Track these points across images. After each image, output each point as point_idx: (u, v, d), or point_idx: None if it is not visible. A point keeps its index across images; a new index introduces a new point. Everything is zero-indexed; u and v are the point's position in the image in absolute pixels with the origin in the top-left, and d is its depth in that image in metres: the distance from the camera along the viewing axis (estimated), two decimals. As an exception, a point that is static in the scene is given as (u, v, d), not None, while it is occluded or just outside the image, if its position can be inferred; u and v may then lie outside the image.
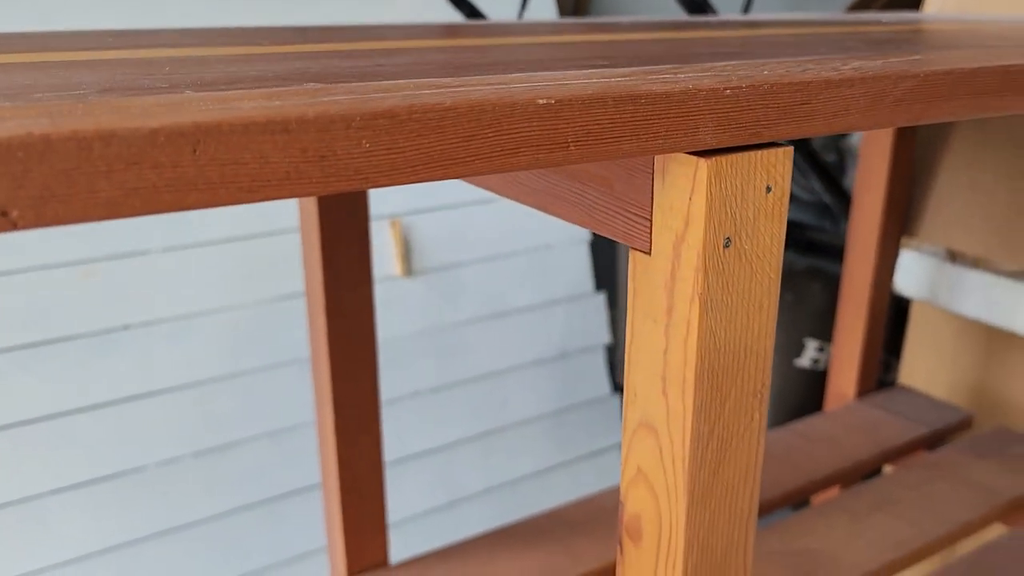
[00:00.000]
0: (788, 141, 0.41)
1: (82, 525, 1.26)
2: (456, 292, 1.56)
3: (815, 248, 1.46)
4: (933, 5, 1.12)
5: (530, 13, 1.63)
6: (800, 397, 1.46)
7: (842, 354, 1.15)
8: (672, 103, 0.36)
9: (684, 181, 0.39)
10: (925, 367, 1.24)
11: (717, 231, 0.39)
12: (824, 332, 1.42)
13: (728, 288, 0.41)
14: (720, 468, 0.46)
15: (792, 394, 1.46)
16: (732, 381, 0.44)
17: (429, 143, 0.31)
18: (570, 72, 0.39)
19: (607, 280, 1.85)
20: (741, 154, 0.39)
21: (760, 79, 0.38)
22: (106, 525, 1.27)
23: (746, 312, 0.42)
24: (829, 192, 1.37)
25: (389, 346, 1.49)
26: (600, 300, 1.73)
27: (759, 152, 0.39)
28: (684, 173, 0.39)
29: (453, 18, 1.52)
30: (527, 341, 1.65)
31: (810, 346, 1.44)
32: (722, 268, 0.40)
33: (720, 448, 0.45)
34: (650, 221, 0.41)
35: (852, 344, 1.13)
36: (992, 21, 0.88)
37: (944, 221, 1.11)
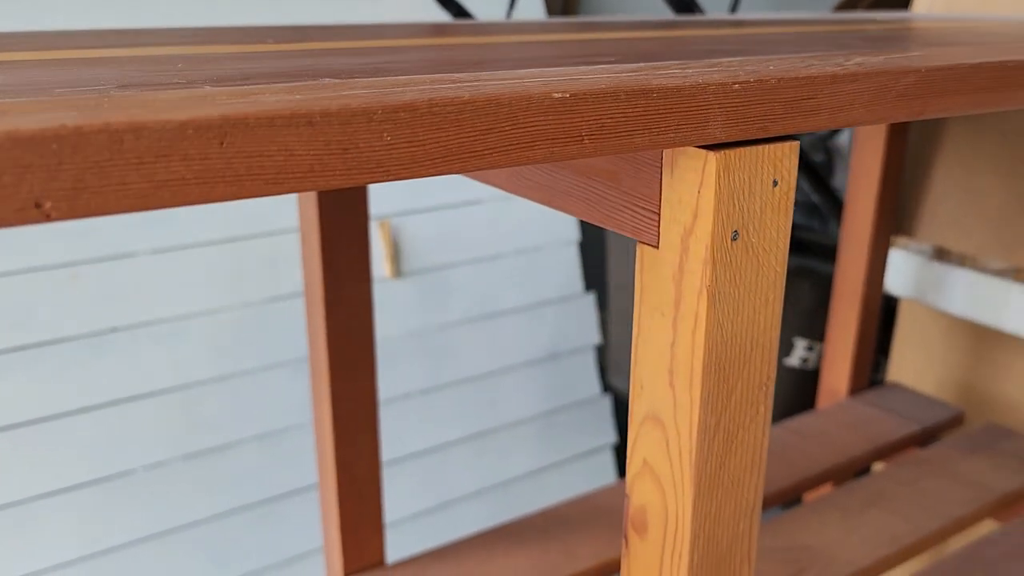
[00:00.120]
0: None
1: (70, 529, 1.25)
2: (446, 293, 1.56)
3: (804, 247, 1.47)
4: (922, 4, 1.13)
5: (518, 12, 1.64)
6: (789, 396, 1.47)
7: (835, 352, 1.16)
8: (683, 97, 0.36)
9: (693, 175, 0.39)
10: (913, 365, 1.25)
11: (725, 224, 0.40)
12: (813, 331, 1.43)
13: (735, 281, 0.42)
14: (726, 460, 0.47)
15: (781, 393, 1.47)
16: (739, 373, 0.44)
17: (448, 136, 0.31)
18: (582, 67, 0.39)
19: (596, 281, 1.86)
20: (749, 148, 0.39)
21: (767, 74, 0.38)
22: (95, 529, 1.26)
23: (752, 305, 0.43)
24: (818, 192, 1.38)
25: (379, 348, 1.49)
26: (590, 301, 1.74)
27: (766, 146, 0.40)
28: (693, 167, 0.39)
29: (438, 17, 1.52)
30: (517, 342, 1.65)
31: (799, 345, 1.45)
32: (730, 261, 0.41)
33: (726, 440, 0.46)
34: (658, 215, 0.42)
35: (845, 342, 1.14)
36: (982, 19, 0.90)
37: (937, 220, 1.12)
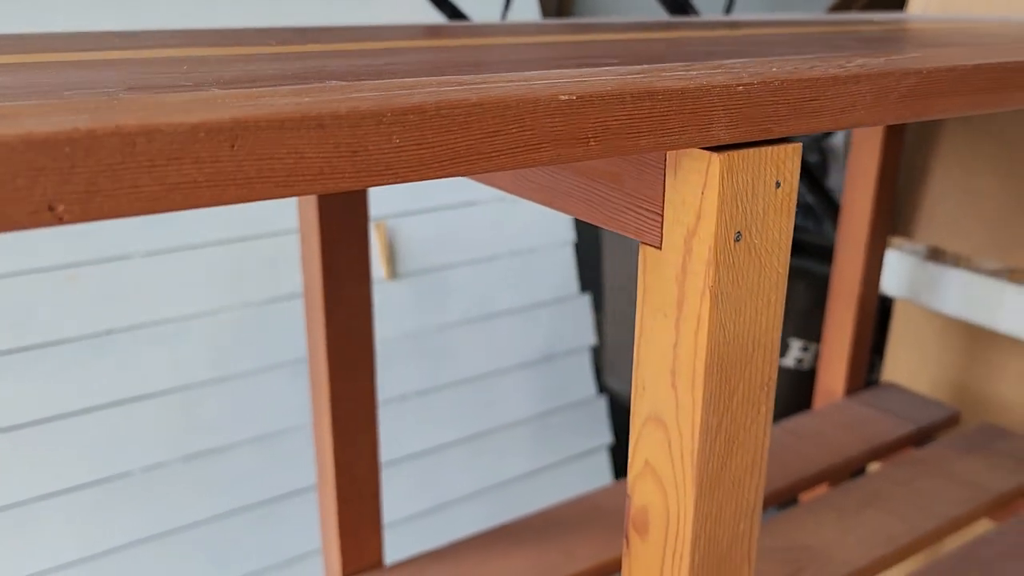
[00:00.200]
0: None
1: (70, 530, 1.25)
2: (442, 295, 1.56)
3: (798, 248, 1.47)
4: (917, 5, 1.13)
5: (513, 13, 1.64)
6: (785, 397, 1.47)
7: (831, 352, 1.16)
8: (687, 99, 0.36)
9: (696, 176, 0.40)
10: (908, 365, 1.26)
11: (728, 225, 0.40)
12: (808, 332, 1.44)
13: (738, 282, 0.42)
14: (728, 460, 0.47)
15: (776, 393, 1.47)
16: (740, 374, 0.44)
17: (456, 139, 0.31)
18: (587, 69, 0.40)
19: (592, 282, 1.86)
20: (752, 150, 0.39)
21: (771, 76, 0.39)
22: (94, 530, 1.26)
23: (755, 306, 0.43)
24: (812, 192, 1.38)
25: (375, 349, 1.48)
26: (585, 302, 1.74)
27: (769, 148, 0.40)
28: (697, 168, 0.39)
29: (432, 18, 1.52)
30: (513, 343, 1.65)
31: (794, 346, 1.45)
32: (732, 262, 0.41)
33: (728, 440, 0.46)
34: (661, 216, 0.42)
35: (841, 342, 1.14)
36: (977, 20, 0.90)
37: (934, 220, 1.12)
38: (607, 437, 1.76)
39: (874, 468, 1.19)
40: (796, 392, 1.48)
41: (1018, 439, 1.07)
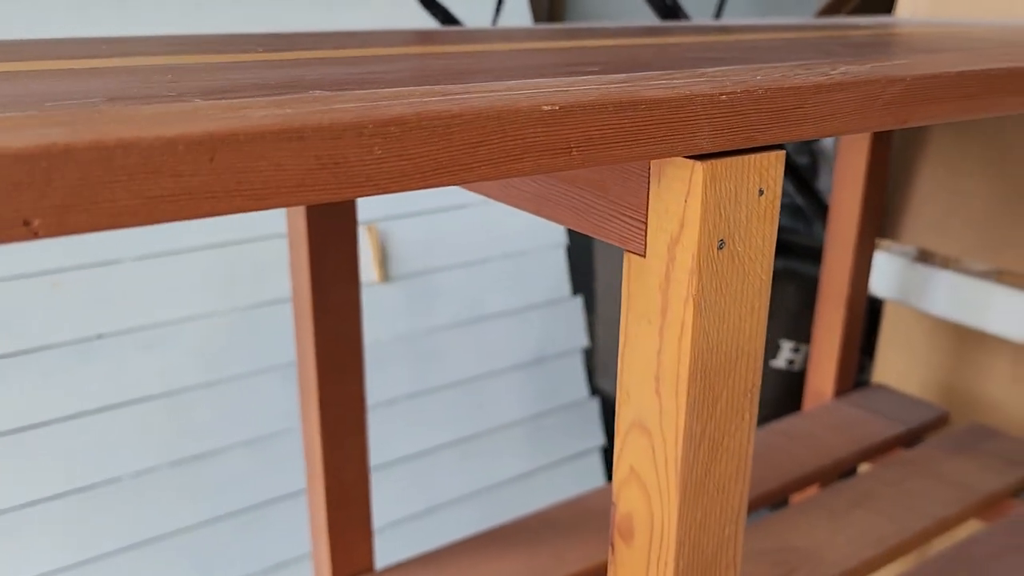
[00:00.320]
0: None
1: (57, 538, 1.24)
2: (434, 297, 1.56)
3: (789, 250, 1.48)
4: (905, 9, 1.14)
5: (504, 18, 1.64)
6: (776, 398, 1.48)
7: (820, 354, 1.16)
8: (671, 109, 0.36)
9: (680, 184, 0.40)
10: (897, 366, 1.26)
11: (711, 233, 0.40)
12: (799, 333, 1.44)
13: (721, 289, 0.42)
14: (712, 467, 0.47)
15: (767, 395, 1.48)
16: (724, 381, 0.45)
17: (438, 150, 0.31)
18: (569, 79, 0.40)
19: (584, 284, 1.86)
20: (735, 158, 0.40)
21: (754, 84, 0.39)
22: (81, 537, 1.26)
23: (738, 313, 0.43)
24: (802, 194, 1.38)
25: (367, 352, 1.48)
26: (577, 304, 1.74)
27: (752, 156, 0.40)
28: (680, 176, 0.39)
29: (425, 23, 1.52)
30: (505, 346, 1.65)
31: (785, 347, 1.45)
32: (715, 270, 0.41)
33: (712, 447, 0.46)
34: (645, 224, 0.42)
35: (830, 344, 1.14)
36: (966, 24, 0.90)
37: (921, 222, 1.13)
38: (599, 439, 1.76)
39: (864, 469, 1.20)
40: (787, 393, 1.48)
41: (1007, 439, 1.07)
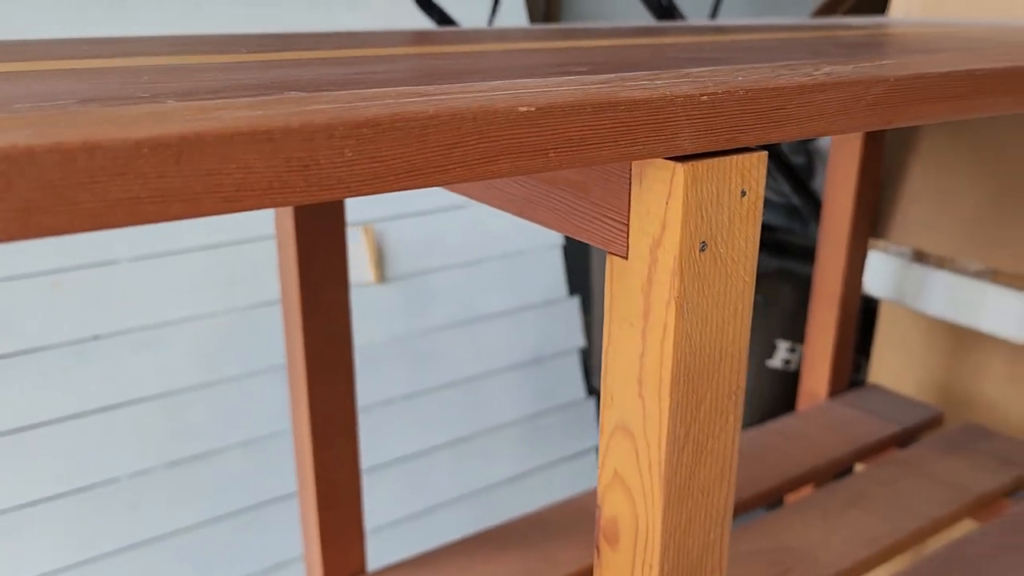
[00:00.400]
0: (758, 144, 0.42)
1: (54, 539, 1.24)
2: (430, 298, 1.56)
3: (785, 250, 1.47)
4: (899, 9, 1.13)
5: (501, 18, 1.64)
6: (772, 397, 1.47)
7: (814, 354, 1.16)
8: (650, 110, 0.36)
9: (661, 186, 0.39)
10: (893, 366, 1.26)
11: (693, 235, 0.40)
12: (795, 333, 1.44)
13: (704, 292, 0.42)
14: (696, 470, 0.47)
15: (764, 395, 1.47)
16: (708, 384, 0.44)
17: (411, 152, 0.31)
18: (550, 79, 0.39)
19: (580, 284, 1.86)
20: (717, 159, 0.39)
21: (736, 85, 0.38)
22: (78, 538, 1.26)
23: (721, 315, 0.43)
24: (798, 194, 1.38)
25: (363, 353, 1.48)
26: (574, 304, 1.74)
27: (734, 157, 0.40)
28: (661, 178, 0.39)
29: (424, 24, 1.52)
30: (502, 346, 1.65)
31: (781, 347, 1.45)
32: (698, 272, 0.41)
33: (696, 450, 0.46)
34: (627, 226, 0.42)
35: (824, 344, 1.14)
36: (958, 24, 0.90)
37: (913, 222, 1.12)
38: (596, 439, 1.76)
39: (859, 469, 1.19)
40: (784, 393, 1.48)
41: (1001, 439, 1.07)
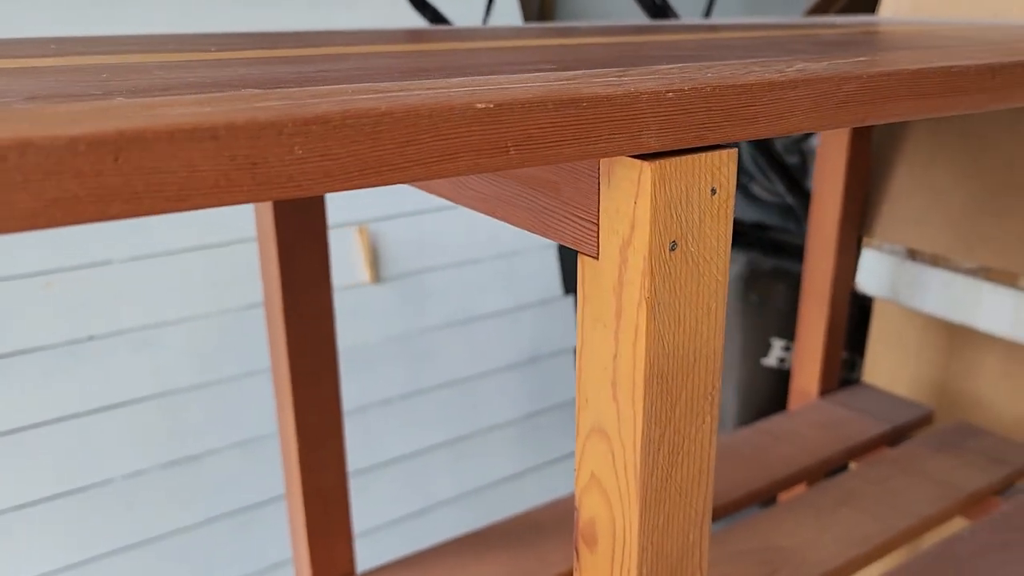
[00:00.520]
0: (749, 142, 0.41)
1: (48, 540, 1.24)
2: (426, 298, 1.56)
3: (779, 249, 1.47)
4: (888, 8, 1.13)
5: (494, 18, 1.63)
6: (767, 396, 1.47)
7: (805, 352, 1.15)
8: (614, 107, 0.35)
9: (629, 185, 0.39)
10: (888, 364, 1.25)
11: (663, 234, 0.39)
12: (790, 331, 1.43)
13: (675, 291, 0.41)
14: (672, 471, 0.46)
15: (759, 393, 1.47)
16: (682, 384, 0.44)
17: (364, 149, 0.30)
18: (515, 76, 0.39)
19: (575, 284, 1.85)
20: (685, 157, 0.39)
21: (703, 82, 0.38)
22: (73, 540, 1.25)
23: (694, 315, 0.42)
24: (791, 193, 1.38)
25: (359, 353, 1.48)
26: (569, 304, 1.73)
27: (703, 155, 0.39)
28: (628, 177, 0.39)
29: (419, 24, 1.51)
30: (497, 346, 1.65)
31: (776, 345, 1.45)
32: (669, 271, 0.40)
33: (672, 451, 0.45)
34: (597, 225, 0.41)
35: (814, 342, 1.13)
36: (944, 24, 0.89)
37: (901, 220, 1.12)
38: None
39: (850, 468, 1.19)
40: (779, 391, 1.47)
41: (991, 437, 1.06)
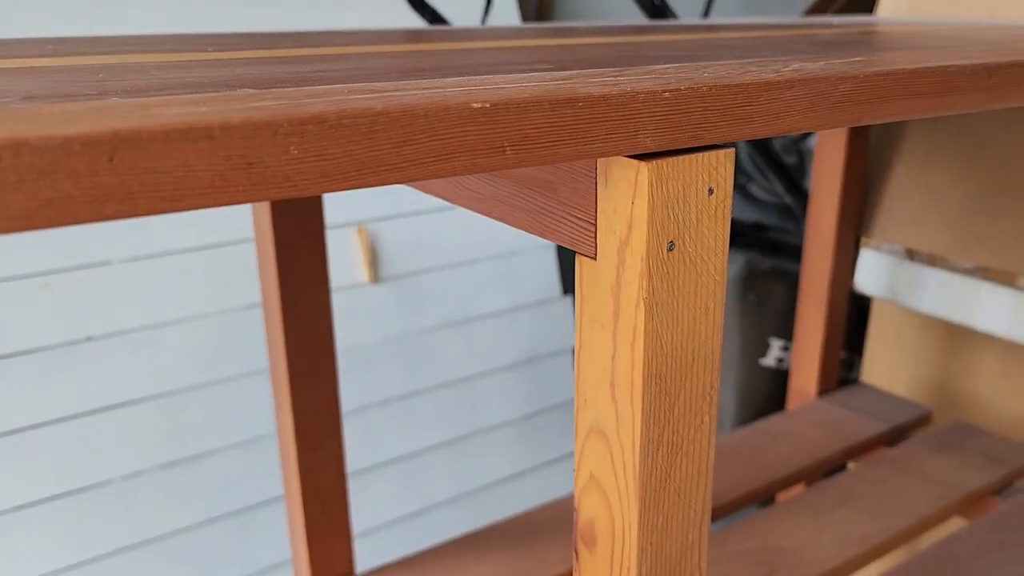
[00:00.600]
0: (747, 142, 0.41)
1: (47, 541, 1.24)
2: (424, 298, 1.56)
3: (778, 249, 1.47)
4: (886, 9, 1.13)
5: (493, 18, 1.63)
6: (766, 396, 1.47)
7: (803, 352, 1.15)
8: (611, 106, 0.35)
9: (626, 185, 0.39)
10: (886, 364, 1.25)
11: (660, 235, 0.39)
12: (788, 331, 1.43)
13: (673, 291, 0.41)
14: (671, 472, 0.46)
15: (758, 393, 1.47)
16: (680, 384, 0.44)
17: (360, 149, 0.30)
18: (511, 76, 0.39)
19: (573, 284, 1.85)
20: (682, 157, 0.39)
21: (700, 81, 0.38)
22: (72, 541, 1.25)
23: (692, 315, 0.42)
24: (790, 193, 1.38)
25: (357, 353, 1.48)
26: (567, 304, 1.73)
27: (700, 155, 0.39)
28: (626, 177, 0.39)
29: (416, 26, 1.51)
30: (496, 346, 1.65)
31: (775, 345, 1.45)
32: (666, 271, 0.40)
33: (670, 452, 0.45)
34: (595, 225, 0.41)
35: (812, 342, 1.13)
36: (942, 24, 0.90)
37: (899, 220, 1.12)
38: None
39: (849, 467, 1.19)
40: (777, 391, 1.47)
41: (989, 437, 1.06)
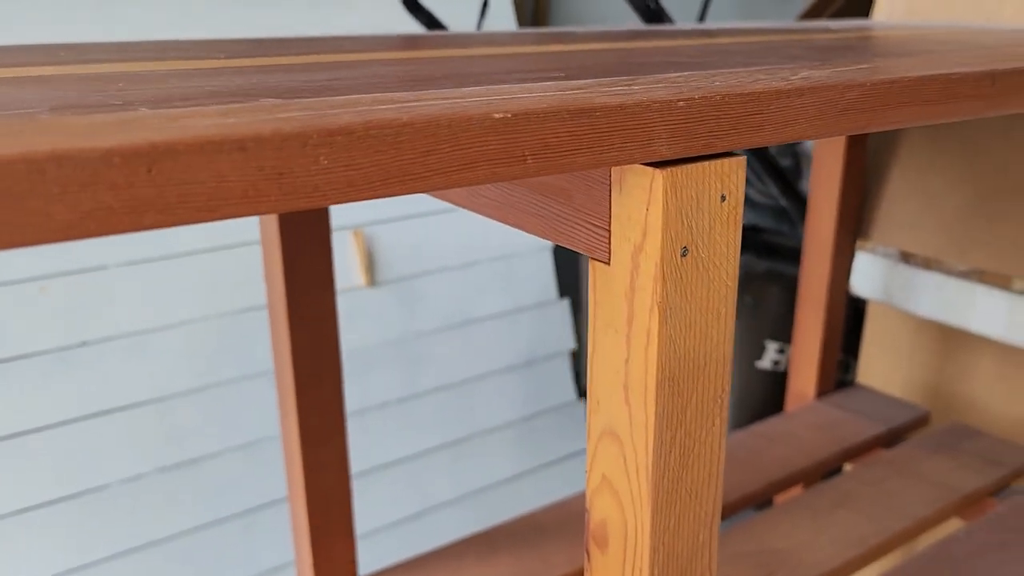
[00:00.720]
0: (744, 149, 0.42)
1: (45, 546, 1.23)
2: (421, 301, 1.56)
3: (773, 251, 1.48)
4: (882, 12, 1.14)
5: (489, 22, 1.64)
6: (762, 398, 1.48)
7: (801, 355, 1.16)
8: (627, 115, 0.36)
9: (640, 192, 0.39)
10: (882, 366, 1.26)
11: (674, 241, 0.40)
12: (784, 334, 1.44)
13: (686, 296, 0.42)
14: (683, 474, 0.47)
15: (754, 396, 1.48)
16: (693, 388, 0.44)
17: (387, 159, 0.31)
18: (527, 85, 0.39)
19: (570, 287, 1.86)
20: (695, 164, 0.39)
21: (712, 90, 0.39)
22: (70, 545, 1.25)
23: (704, 319, 0.43)
24: (785, 196, 1.38)
25: (356, 356, 1.48)
26: (564, 306, 1.74)
27: (713, 162, 0.40)
28: (640, 184, 0.39)
29: (413, 28, 1.52)
30: (493, 349, 1.65)
31: (771, 348, 1.45)
32: (680, 277, 0.41)
33: (682, 454, 0.46)
34: (609, 232, 0.42)
35: (811, 345, 1.14)
36: (939, 27, 0.91)
37: (896, 223, 1.13)
38: (585, 442, 1.76)
39: (846, 469, 1.20)
40: (773, 393, 1.48)
41: (987, 438, 1.07)
